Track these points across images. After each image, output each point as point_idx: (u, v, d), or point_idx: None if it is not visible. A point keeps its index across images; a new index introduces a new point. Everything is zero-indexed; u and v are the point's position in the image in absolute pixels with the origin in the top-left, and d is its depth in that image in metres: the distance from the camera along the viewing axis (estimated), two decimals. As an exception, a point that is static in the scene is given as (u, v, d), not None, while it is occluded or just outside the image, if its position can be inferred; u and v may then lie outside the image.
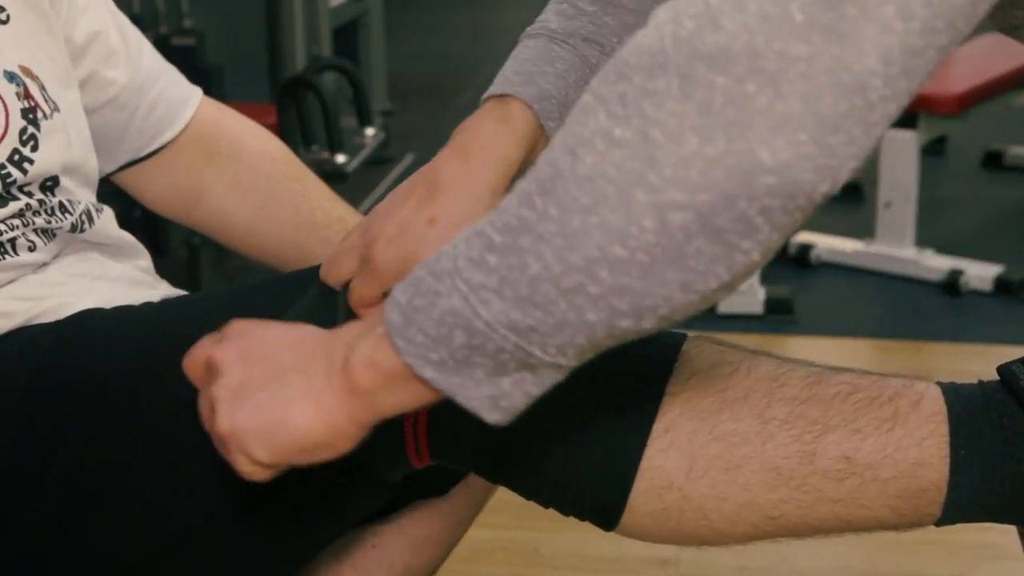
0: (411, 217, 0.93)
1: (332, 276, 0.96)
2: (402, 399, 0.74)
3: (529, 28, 1.00)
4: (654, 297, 0.67)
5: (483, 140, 0.95)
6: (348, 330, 0.77)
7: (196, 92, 1.27)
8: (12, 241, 1.05)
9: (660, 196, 0.64)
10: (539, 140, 0.96)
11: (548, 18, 0.99)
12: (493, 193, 0.93)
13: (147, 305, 1.08)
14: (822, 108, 0.63)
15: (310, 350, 0.76)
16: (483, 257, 0.69)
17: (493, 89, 0.97)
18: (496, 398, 0.72)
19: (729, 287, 0.67)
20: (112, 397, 0.96)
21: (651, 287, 0.66)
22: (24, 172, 1.05)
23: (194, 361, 0.81)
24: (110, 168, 1.24)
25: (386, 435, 0.92)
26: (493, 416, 0.73)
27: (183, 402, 0.95)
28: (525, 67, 0.96)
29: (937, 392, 0.89)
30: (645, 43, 0.66)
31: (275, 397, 0.75)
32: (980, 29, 0.73)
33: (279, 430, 0.75)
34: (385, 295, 0.95)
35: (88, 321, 1.03)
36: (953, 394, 0.89)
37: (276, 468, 0.77)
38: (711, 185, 0.64)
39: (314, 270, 1.00)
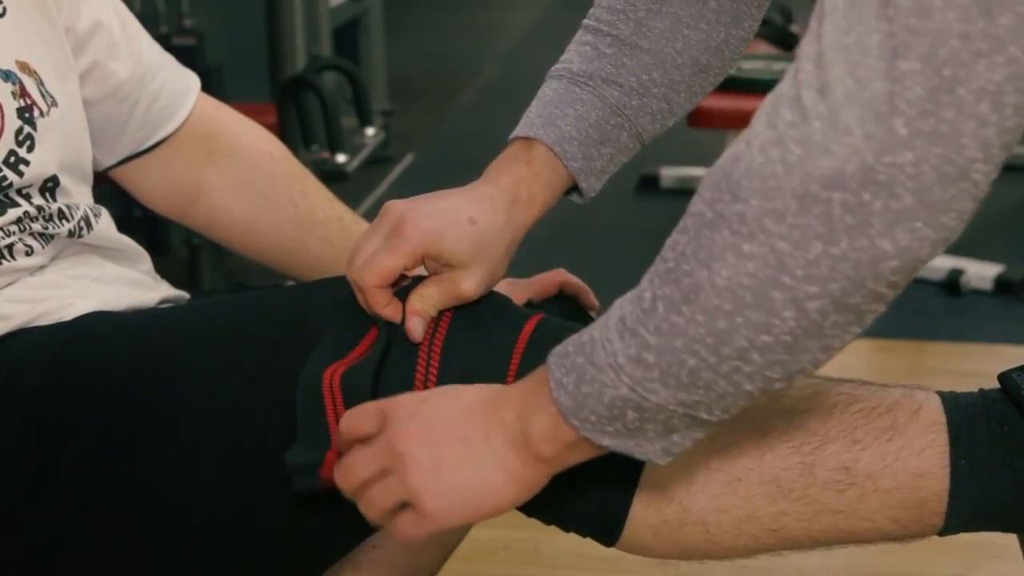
0: (454, 206, 0.97)
1: (355, 259, 0.96)
2: (581, 456, 0.83)
3: (553, 68, 1.04)
4: (800, 363, 0.75)
5: (515, 179, 1.00)
6: (513, 401, 0.84)
7: (194, 83, 1.27)
8: (9, 247, 1.05)
9: (795, 292, 0.71)
10: (562, 179, 1.02)
11: (571, 59, 1.04)
12: (521, 228, 1.00)
13: (154, 309, 1.08)
14: (932, 199, 0.69)
15: (486, 423, 0.84)
16: (641, 356, 0.76)
17: (519, 131, 1.02)
18: (667, 449, 0.81)
19: (861, 331, 0.75)
20: (119, 400, 0.96)
21: (797, 356, 0.74)
22: (20, 175, 1.05)
23: (358, 460, 0.86)
24: (109, 162, 1.24)
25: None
26: (664, 461, 0.82)
27: (189, 406, 0.95)
28: (547, 109, 1.01)
29: (937, 402, 0.89)
30: (754, 166, 0.71)
31: (473, 473, 0.84)
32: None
33: (483, 502, 0.84)
34: (403, 277, 0.95)
35: (96, 324, 1.03)
36: (953, 403, 0.89)
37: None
38: (840, 276, 0.71)
39: (324, 282, 1.00)
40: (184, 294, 1.20)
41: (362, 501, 0.87)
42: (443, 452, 0.84)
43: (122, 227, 1.19)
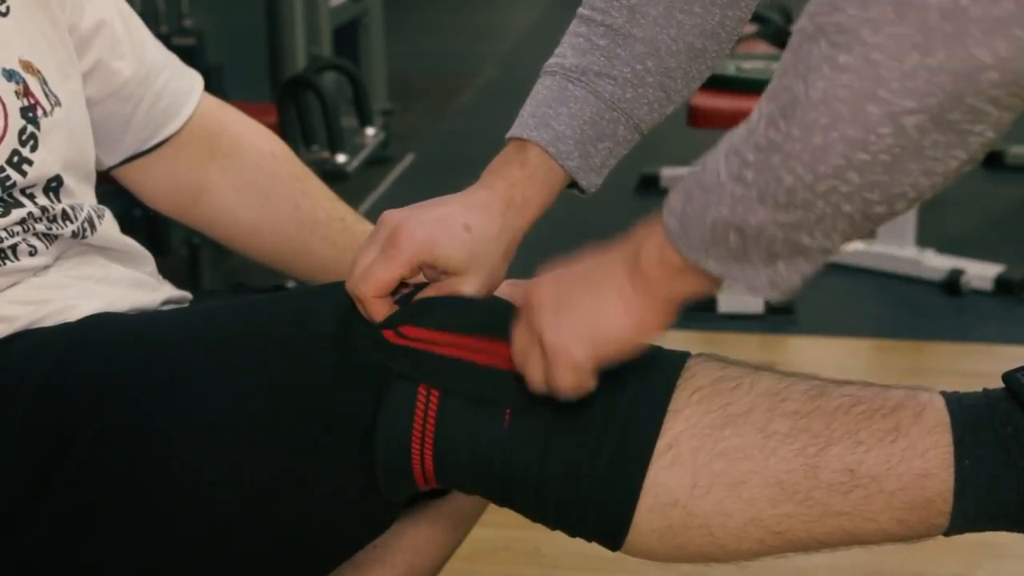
0: (449, 214, 0.97)
1: (354, 271, 0.96)
2: (690, 285, 0.84)
3: (546, 64, 1.04)
4: (901, 185, 0.73)
5: (509, 182, 1.00)
6: (634, 234, 0.86)
7: (197, 82, 1.26)
8: (13, 247, 1.05)
9: (891, 107, 0.70)
10: (559, 179, 1.01)
11: (564, 52, 1.03)
12: (517, 231, 1.00)
13: (157, 312, 1.07)
14: None
15: (609, 265, 0.87)
16: (741, 173, 0.77)
17: (513, 131, 1.01)
18: (774, 279, 0.81)
19: (970, 163, 0.73)
20: (122, 403, 0.96)
21: (897, 178, 0.73)
22: (23, 174, 1.04)
23: (516, 333, 0.90)
24: (112, 161, 1.23)
25: (393, 458, 0.92)
26: (773, 295, 0.82)
27: (192, 410, 0.95)
28: (540, 109, 1.01)
29: (940, 402, 0.89)
30: None
31: (591, 305, 0.87)
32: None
33: (600, 330, 0.86)
34: (403, 285, 0.96)
35: (99, 326, 1.03)
36: (956, 404, 0.89)
37: (593, 372, 0.88)
38: (938, 90, 0.68)
39: (326, 287, 1.00)
40: (187, 294, 1.20)
41: (526, 374, 0.89)
42: (565, 289, 0.88)
43: (122, 227, 1.18)
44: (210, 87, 1.30)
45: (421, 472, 0.93)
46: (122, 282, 1.13)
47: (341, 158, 2.74)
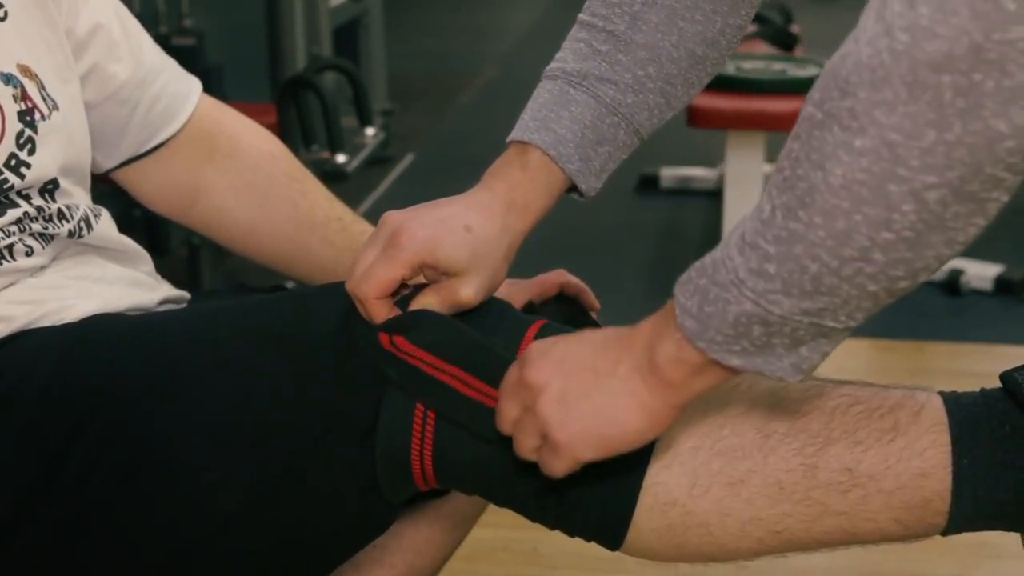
0: (450, 215, 0.97)
1: (354, 272, 0.96)
2: (708, 381, 0.83)
3: (548, 68, 1.04)
4: (925, 259, 0.74)
5: (510, 185, 1.00)
6: (642, 332, 0.84)
7: (196, 86, 1.26)
8: (9, 247, 1.04)
9: (913, 184, 0.70)
10: (559, 182, 1.01)
11: (565, 57, 1.03)
12: (518, 234, 0.99)
13: (157, 312, 1.07)
14: None
15: (615, 355, 0.85)
16: (763, 267, 0.76)
17: (514, 134, 1.01)
18: (797, 364, 0.81)
19: (985, 224, 0.74)
20: (123, 404, 0.96)
21: (921, 252, 0.73)
22: (21, 177, 1.04)
23: (504, 402, 0.88)
24: (110, 164, 1.23)
25: (393, 459, 0.92)
26: (796, 378, 0.81)
27: (193, 410, 0.95)
28: (541, 112, 1.01)
29: (938, 402, 0.89)
30: (863, 59, 0.70)
31: (603, 408, 0.84)
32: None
33: (611, 430, 0.85)
34: (403, 286, 0.96)
35: (99, 327, 1.02)
36: (954, 403, 0.89)
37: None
38: (957, 163, 0.69)
39: (326, 288, 1.00)
40: (185, 294, 1.20)
41: (516, 444, 0.88)
42: (572, 381, 0.85)
43: (122, 227, 1.18)
44: (210, 87, 1.30)
45: (421, 472, 0.93)
46: (119, 281, 1.13)
47: (341, 158, 2.74)
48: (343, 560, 1.04)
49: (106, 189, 1.27)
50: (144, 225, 2.72)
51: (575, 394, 0.85)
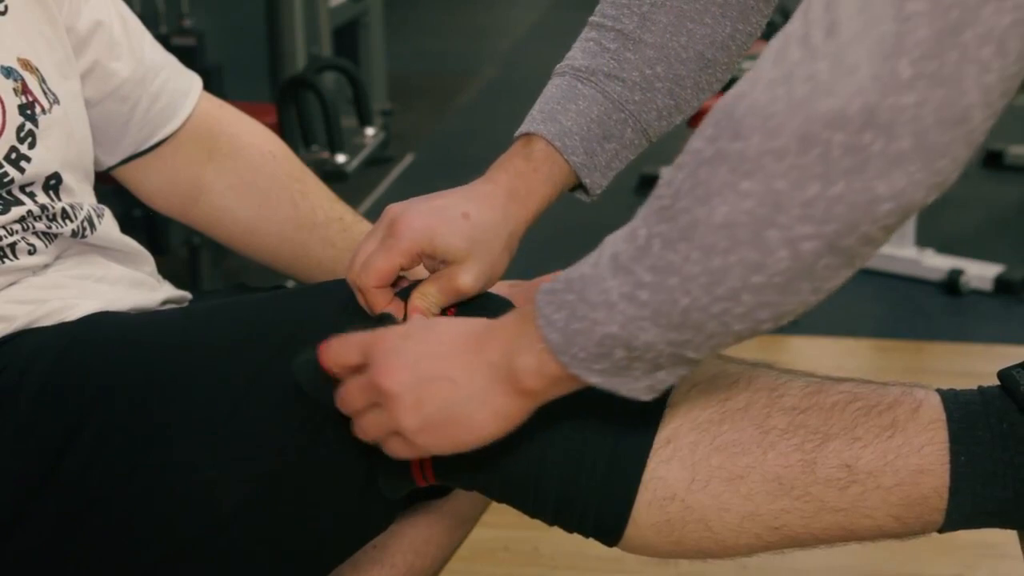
0: (449, 204, 0.98)
1: (354, 262, 0.97)
2: (565, 390, 0.84)
3: (557, 66, 1.04)
4: (791, 304, 0.76)
5: (512, 174, 1.00)
6: (501, 336, 0.84)
7: (196, 83, 1.26)
8: (12, 245, 1.05)
9: (790, 232, 0.72)
10: (563, 174, 1.01)
11: (575, 55, 1.04)
12: (520, 222, 0.99)
13: (157, 311, 1.07)
14: (930, 142, 0.69)
15: (473, 362, 0.84)
16: (635, 294, 0.77)
17: (521, 128, 1.02)
18: (652, 386, 0.82)
19: (851, 275, 0.76)
20: (123, 403, 0.96)
21: (787, 298, 0.75)
22: (21, 171, 1.04)
23: (349, 392, 0.88)
24: (111, 162, 1.24)
25: (392, 460, 0.92)
26: (648, 397, 0.82)
27: (192, 409, 0.95)
28: (548, 106, 1.02)
29: (936, 399, 0.89)
30: (759, 104, 0.72)
31: (457, 412, 0.85)
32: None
33: (467, 436, 0.86)
34: (403, 279, 0.97)
35: (99, 326, 1.03)
36: (952, 401, 0.89)
37: None
38: (835, 218, 0.71)
39: (325, 285, 1.00)
40: (186, 294, 1.20)
41: (356, 428, 0.89)
42: (426, 390, 0.85)
43: (122, 227, 1.18)
44: (210, 87, 1.30)
45: (419, 467, 0.93)
46: (121, 282, 1.13)
47: (341, 158, 2.74)
48: (342, 559, 1.04)
49: (107, 188, 1.27)
50: (144, 225, 2.72)
51: (432, 405, 0.84)
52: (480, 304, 0.97)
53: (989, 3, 0.67)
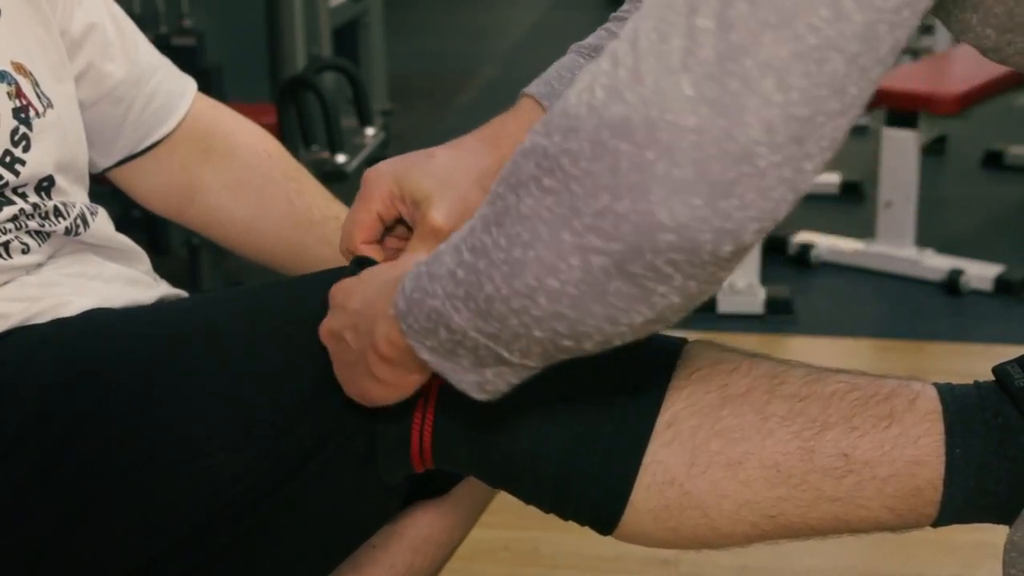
0: (418, 153, 1.00)
1: (343, 229, 1.00)
2: (419, 369, 0.84)
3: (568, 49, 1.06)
4: (586, 326, 0.73)
5: (495, 125, 1.01)
6: (384, 298, 0.84)
7: (191, 85, 1.27)
8: (5, 244, 1.05)
9: (582, 240, 0.70)
10: None
11: (586, 39, 1.05)
12: (496, 159, 0.99)
13: (154, 304, 1.07)
14: (712, 175, 0.66)
15: (363, 327, 0.86)
16: (454, 271, 0.77)
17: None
18: (481, 384, 0.81)
19: (658, 323, 0.73)
20: (123, 395, 0.96)
21: (582, 317, 0.73)
22: (16, 174, 1.05)
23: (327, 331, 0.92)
24: (106, 164, 1.24)
25: (391, 439, 0.93)
26: (481, 396, 0.82)
27: (193, 399, 0.95)
28: (547, 75, 1.03)
29: (933, 391, 0.90)
30: (566, 107, 0.71)
31: (352, 374, 0.89)
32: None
33: (369, 401, 0.89)
34: (386, 230, 1.00)
35: (97, 320, 1.03)
36: (948, 393, 0.90)
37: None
38: (621, 237, 0.69)
39: (324, 273, 1.01)
40: (183, 293, 1.20)
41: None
42: (338, 348, 0.89)
43: (122, 227, 1.18)
44: (210, 88, 1.31)
45: (419, 448, 0.93)
46: (117, 280, 1.14)
47: (341, 158, 2.74)
48: (341, 551, 1.05)
49: (105, 189, 1.28)
50: (144, 225, 2.72)
51: (341, 362, 0.89)
52: None
53: (768, 30, 0.65)
